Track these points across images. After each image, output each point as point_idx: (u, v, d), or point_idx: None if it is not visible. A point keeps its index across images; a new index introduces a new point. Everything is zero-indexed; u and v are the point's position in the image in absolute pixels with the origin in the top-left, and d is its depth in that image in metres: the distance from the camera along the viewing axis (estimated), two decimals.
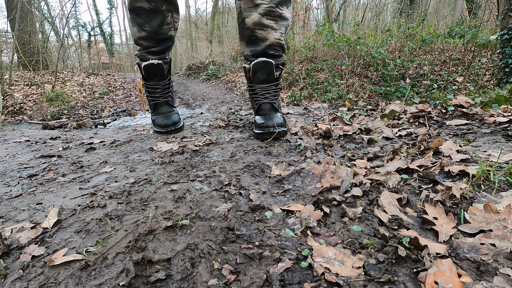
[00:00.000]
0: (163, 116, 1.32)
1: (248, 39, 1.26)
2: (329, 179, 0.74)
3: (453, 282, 0.40)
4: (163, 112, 1.34)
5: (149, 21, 1.22)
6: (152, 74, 1.28)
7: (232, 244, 0.54)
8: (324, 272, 0.45)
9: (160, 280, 0.46)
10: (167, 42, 1.32)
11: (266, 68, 1.21)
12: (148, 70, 1.26)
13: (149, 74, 1.28)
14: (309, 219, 0.58)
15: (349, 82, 4.83)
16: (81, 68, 10.06)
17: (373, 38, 5.83)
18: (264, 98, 1.24)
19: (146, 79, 1.30)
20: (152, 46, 1.28)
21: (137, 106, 5.75)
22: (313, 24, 13.58)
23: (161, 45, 1.30)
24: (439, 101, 1.47)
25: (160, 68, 1.27)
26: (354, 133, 1.17)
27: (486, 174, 0.66)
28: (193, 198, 0.69)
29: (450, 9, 11.58)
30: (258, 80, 1.24)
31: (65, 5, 13.34)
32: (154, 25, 1.23)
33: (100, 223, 0.61)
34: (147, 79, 1.30)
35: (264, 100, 1.24)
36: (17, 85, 6.26)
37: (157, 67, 1.26)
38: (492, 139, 0.92)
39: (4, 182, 0.88)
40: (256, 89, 1.25)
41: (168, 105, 1.37)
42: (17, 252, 0.53)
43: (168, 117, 1.31)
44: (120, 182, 0.82)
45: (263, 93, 1.25)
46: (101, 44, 18.22)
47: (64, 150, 1.22)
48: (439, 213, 0.57)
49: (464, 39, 4.21)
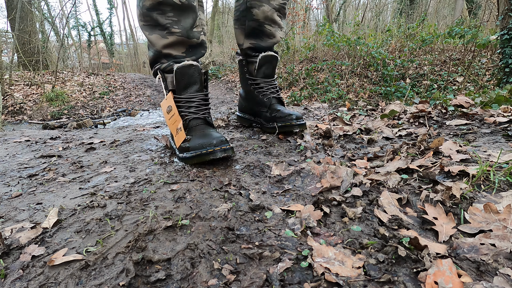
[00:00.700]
0: (201, 135, 0.92)
1: (251, 31, 1.16)
2: (329, 179, 0.74)
3: (453, 282, 0.40)
4: (201, 130, 0.96)
5: (179, 21, 0.96)
6: (187, 81, 0.97)
7: (232, 244, 0.54)
8: (324, 272, 0.45)
9: (160, 280, 0.46)
10: (200, 50, 1.05)
11: (273, 63, 1.18)
12: (182, 76, 0.96)
13: (184, 81, 0.97)
14: (309, 219, 0.58)
15: (349, 82, 4.83)
16: (81, 68, 10.07)
17: (373, 38, 5.83)
18: (271, 92, 1.21)
19: (179, 89, 0.98)
20: (183, 55, 1.01)
21: (137, 106, 5.75)
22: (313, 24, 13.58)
23: (195, 54, 1.03)
24: (439, 101, 1.47)
25: (198, 72, 0.98)
26: (354, 133, 1.17)
27: (486, 174, 0.66)
28: (193, 198, 0.69)
29: (450, 9, 11.59)
30: (263, 74, 1.19)
31: (65, 5, 13.35)
32: (186, 26, 0.97)
33: (100, 223, 0.61)
34: (180, 89, 0.98)
35: (271, 94, 1.20)
36: (17, 85, 6.26)
37: (194, 70, 0.97)
38: (492, 139, 0.92)
39: (4, 182, 0.88)
40: (261, 83, 1.21)
41: (208, 124, 1.01)
42: (17, 252, 0.53)
43: (208, 135, 0.91)
44: (120, 182, 0.82)
45: (268, 87, 1.21)
46: (101, 44, 18.22)
47: (64, 150, 1.22)
48: (439, 213, 0.57)
49: (464, 39, 4.22)
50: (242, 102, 1.35)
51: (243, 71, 1.26)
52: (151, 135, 1.35)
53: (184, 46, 1.00)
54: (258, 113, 1.26)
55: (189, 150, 0.89)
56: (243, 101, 1.34)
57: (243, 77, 1.28)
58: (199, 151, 0.87)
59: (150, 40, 1.00)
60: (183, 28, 0.97)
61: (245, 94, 1.31)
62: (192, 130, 0.97)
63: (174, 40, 0.97)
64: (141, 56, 17.98)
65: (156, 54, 1.00)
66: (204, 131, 0.95)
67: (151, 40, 0.99)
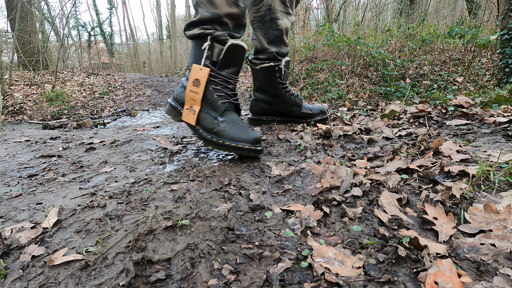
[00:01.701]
0: (238, 127, 0.93)
1: (273, 38, 1.28)
2: (329, 179, 0.74)
3: (453, 282, 0.40)
4: (235, 120, 0.95)
5: None
6: (232, 60, 0.95)
7: (232, 244, 0.54)
8: (324, 272, 0.45)
9: (160, 280, 0.46)
10: (243, 31, 1.03)
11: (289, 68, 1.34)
12: (231, 54, 0.93)
13: (229, 60, 0.95)
14: (309, 219, 0.58)
15: (349, 82, 4.83)
16: (81, 68, 10.06)
17: (373, 38, 5.83)
18: (296, 94, 1.37)
19: (222, 65, 0.95)
20: (235, 30, 0.98)
21: (137, 106, 5.75)
22: (313, 24, 13.57)
23: (240, 32, 1.00)
24: (439, 101, 1.47)
25: (243, 55, 0.97)
26: (354, 133, 1.17)
27: (486, 174, 0.66)
28: (193, 198, 0.69)
29: (450, 9, 11.58)
30: (286, 78, 1.33)
31: (65, 5, 13.31)
32: (247, 4, 0.96)
33: (100, 223, 0.61)
34: (223, 65, 0.95)
35: (297, 96, 1.36)
36: (17, 85, 6.26)
37: (243, 53, 0.96)
38: (492, 139, 0.92)
39: (4, 182, 0.88)
40: (288, 86, 1.35)
41: (238, 112, 1.02)
42: (17, 252, 0.53)
43: (245, 129, 0.93)
44: (120, 182, 0.82)
45: (292, 90, 1.36)
46: (101, 44, 18.22)
47: (64, 150, 1.22)
48: (439, 213, 0.57)
49: (464, 39, 4.22)
50: (265, 106, 1.38)
51: (275, 76, 1.31)
52: (151, 135, 1.35)
53: (238, 22, 0.97)
54: (288, 113, 1.38)
55: (225, 137, 0.91)
56: (266, 104, 1.38)
57: (273, 83, 1.32)
58: (234, 143, 0.90)
59: (214, 2, 0.91)
60: (245, 5, 0.94)
61: (272, 98, 1.35)
62: (225, 115, 0.95)
63: (236, 12, 0.93)
64: (141, 56, 17.98)
65: (213, 16, 0.92)
66: (239, 123, 0.95)
67: (216, 3, 0.90)
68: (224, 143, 0.91)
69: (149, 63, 16.97)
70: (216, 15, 0.92)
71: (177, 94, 1.04)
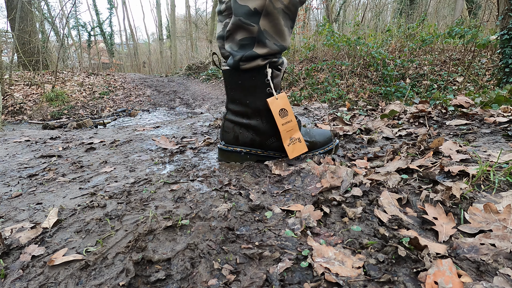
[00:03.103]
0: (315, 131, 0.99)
1: None
2: (329, 179, 0.74)
3: (453, 282, 0.40)
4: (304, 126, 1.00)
5: None
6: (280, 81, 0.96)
7: (232, 244, 0.54)
8: (324, 272, 0.45)
9: (160, 280, 0.46)
10: None
11: None
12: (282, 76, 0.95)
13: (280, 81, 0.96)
14: (309, 219, 0.58)
15: (349, 82, 4.83)
16: (81, 68, 10.06)
17: (373, 38, 5.83)
18: None
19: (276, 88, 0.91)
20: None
21: (137, 106, 5.75)
22: (313, 24, 13.57)
23: None
24: (439, 101, 1.47)
25: None
26: (354, 133, 1.17)
27: (486, 174, 0.66)
28: (193, 198, 0.69)
29: (450, 9, 11.58)
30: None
31: (65, 5, 13.31)
32: None
33: (100, 223, 0.61)
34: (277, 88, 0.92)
35: None
36: (17, 85, 6.26)
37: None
38: (492, 139, 0.92)
39: (4, 182, 0.88)
40: None
41: None
42: (17, 252, 0.53)
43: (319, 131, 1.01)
44: (120, 182, 0.82)
45: None
46: (101, 44, 18.22)
47: (64, 150, 1.22)
48: (439, 213, 0.57)
49: (464, 39, 4.22)
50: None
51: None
52: (151, 135, 1.35)
53: None
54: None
55: (317, 146, 0.96)
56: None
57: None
58: (326, 146, 0.97)
59: (282, 32, 0.83)
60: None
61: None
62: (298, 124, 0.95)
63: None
64: (141, 56, 17.98)
65: (281, 48, 0.86)
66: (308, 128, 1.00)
67: (284, 33, 0.83)
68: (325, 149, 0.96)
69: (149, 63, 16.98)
70: (283, 48, 0.86)
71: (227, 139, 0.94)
